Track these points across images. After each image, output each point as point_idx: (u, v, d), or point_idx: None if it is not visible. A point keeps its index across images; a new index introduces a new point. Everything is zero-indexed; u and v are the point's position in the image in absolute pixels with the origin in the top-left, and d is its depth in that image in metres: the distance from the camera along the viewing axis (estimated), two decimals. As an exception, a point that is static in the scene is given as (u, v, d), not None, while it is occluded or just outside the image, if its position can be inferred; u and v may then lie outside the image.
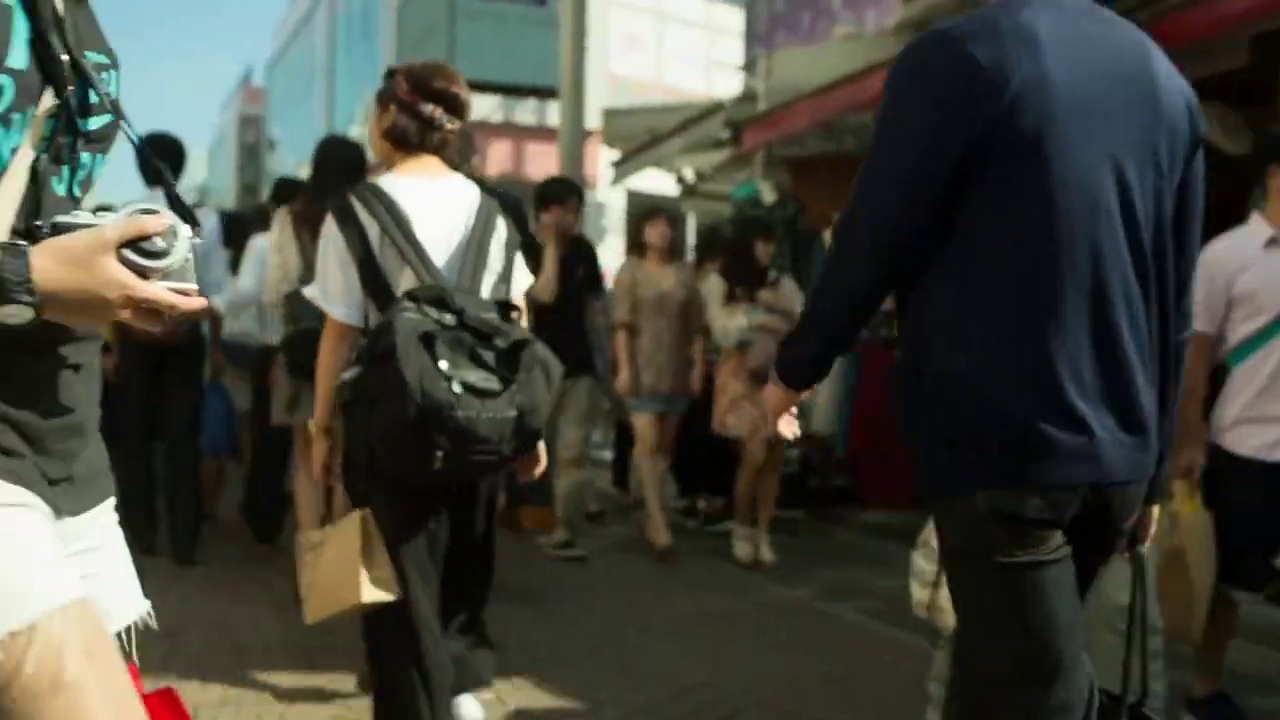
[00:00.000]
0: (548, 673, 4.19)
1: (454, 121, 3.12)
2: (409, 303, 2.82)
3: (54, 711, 1.28)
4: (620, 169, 11.98)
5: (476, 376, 2.79)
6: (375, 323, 2.91)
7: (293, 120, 31.90)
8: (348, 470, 3.11)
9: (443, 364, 2.74)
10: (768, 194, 8.74)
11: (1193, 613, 3.44)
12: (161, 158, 5.84)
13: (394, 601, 2.90)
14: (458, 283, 3.00)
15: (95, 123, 1.43)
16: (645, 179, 13.13)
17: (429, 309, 2.82)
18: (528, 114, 18.87)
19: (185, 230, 1.35)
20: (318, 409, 3.14)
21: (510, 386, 2.83)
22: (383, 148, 3.16)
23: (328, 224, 3.06)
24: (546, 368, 2.95)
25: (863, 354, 6.94)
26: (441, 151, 3.14)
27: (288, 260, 4.76)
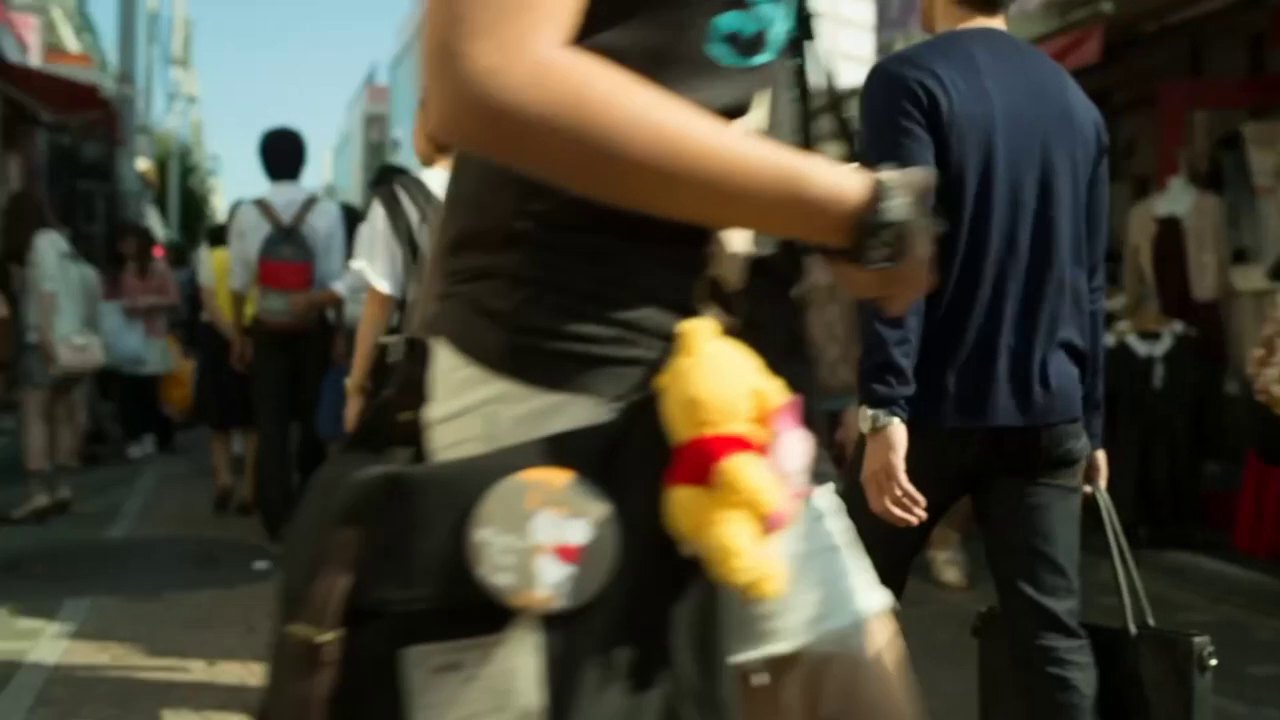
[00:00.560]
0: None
1: None
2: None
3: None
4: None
5: None
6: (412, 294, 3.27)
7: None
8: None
9: None
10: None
11: None
12: (284, 154, 6.00)
13: None
14: None
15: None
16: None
17: None
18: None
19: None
20: (355, 370, 3.56)
21: None
22: (425, 147, 3.60)
23: (375, 209, 3.53)
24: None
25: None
26: None
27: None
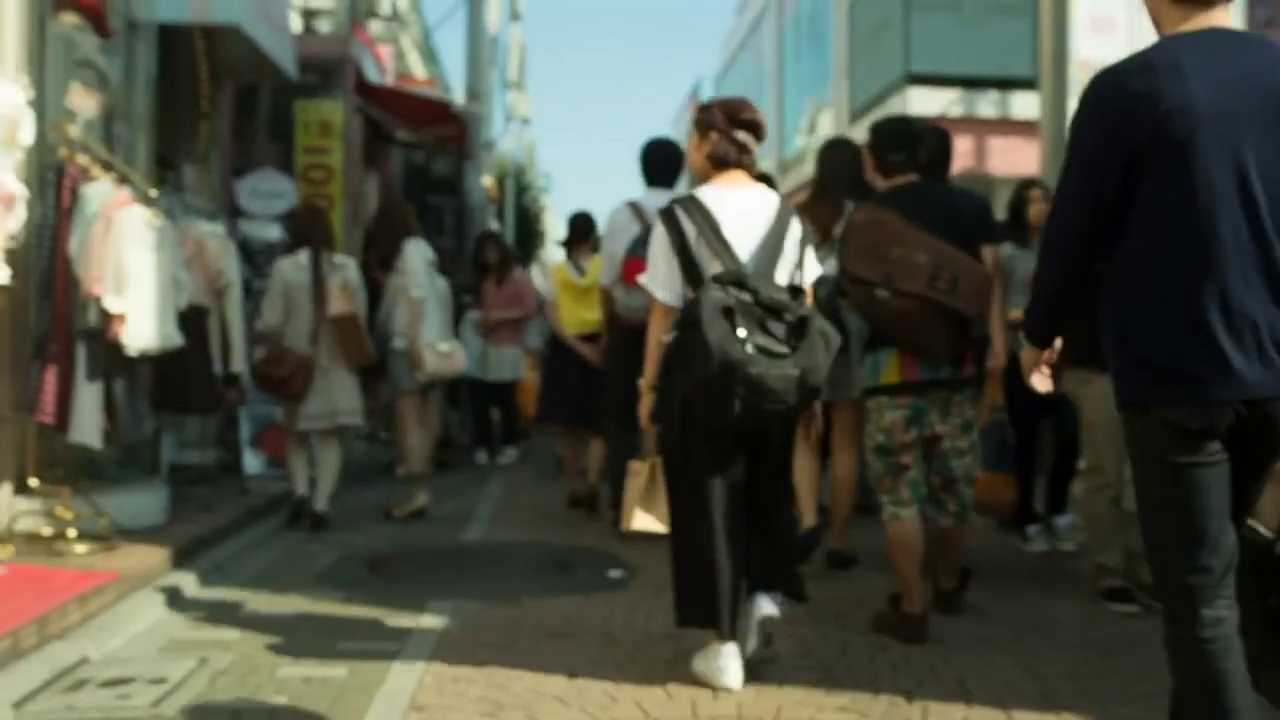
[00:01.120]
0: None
1: (759, 141, 4.01)
2: (715, 284, 3.69)
3: None
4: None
5: (766, 341, 3.63)
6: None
7: (740, 130, 32.40)
8: (661, 418, 3.95)
9: (740, 331, 3.58)
10: None
11: None
12: (661, 162, 6.07)
13: (686, 516, 3.85)
14: (755, 270, 3.80)
15: None
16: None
17: (730, 289, 3.66)
18: (989, 107, 17.85)
19: None
20: (646, 371, 4.01)
21: (795, 351, 3.65)
22: (702, 166, 4.02)
23: (656, 225, 3.96)
24: (826, 338, 3.73)
25: None
26: (749, 168, 4.01)
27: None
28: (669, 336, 3.83)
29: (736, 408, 3.59)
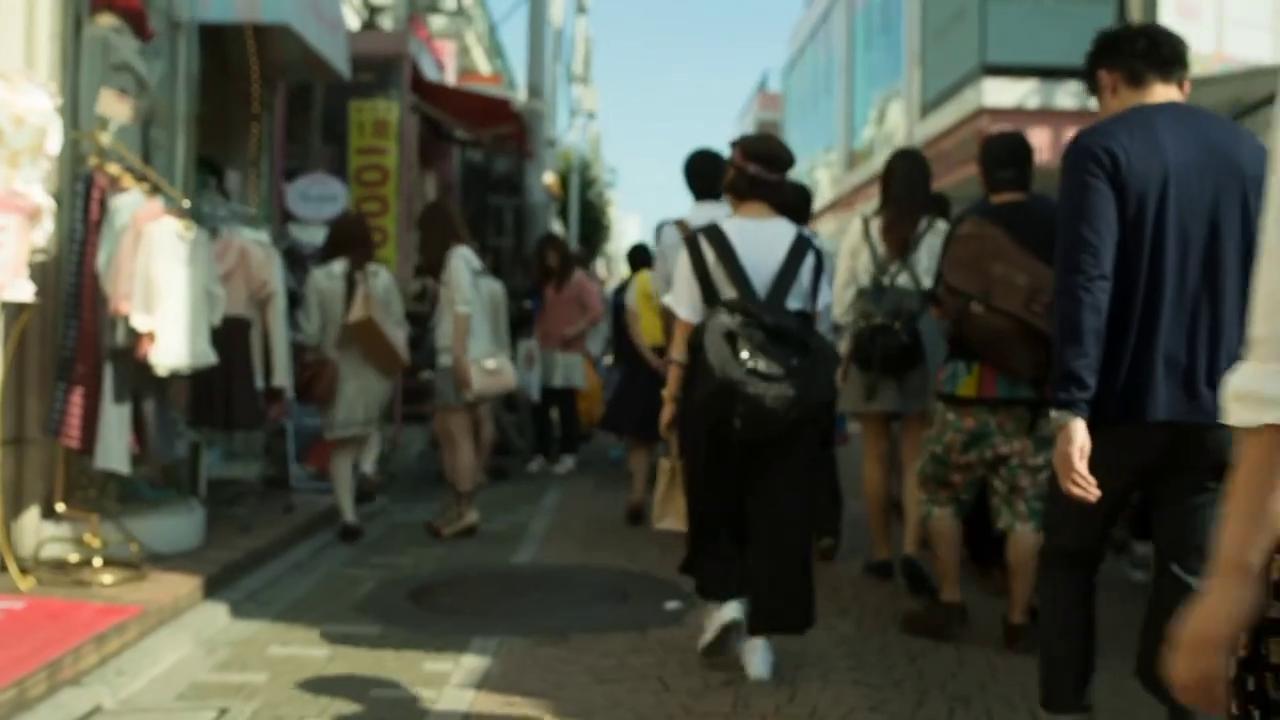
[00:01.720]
0: None
1: (774, 174, 4.24)
2: (723, 309, 4.01)
3: None
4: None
5: (766, 364, 3.90)
6: None
7: (808, 124, 31.81)
8: (679, 427, 4.32)
9: (742, 354, 3.86)
10: None
11: None
12: (706, 175, 5.87)
13: (698, 520, 4.29)
14: (767, 296, 4.11)
15: None
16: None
17: (736, 314, 3.97)
18: (1068, 98, 17.21)
19: None
20: (669, 383, 4.32)
21: (796, 373, 3.92)
22: (729, 197, 4.39)
23: (682, 249, 4.31)
24: (827, 361, 4.06)
25: None
26: (770, 198, 4.27)
27: (859, 263, 5.43)
28: (682, 356, 4.23)
29: (738, 423, 3.92)
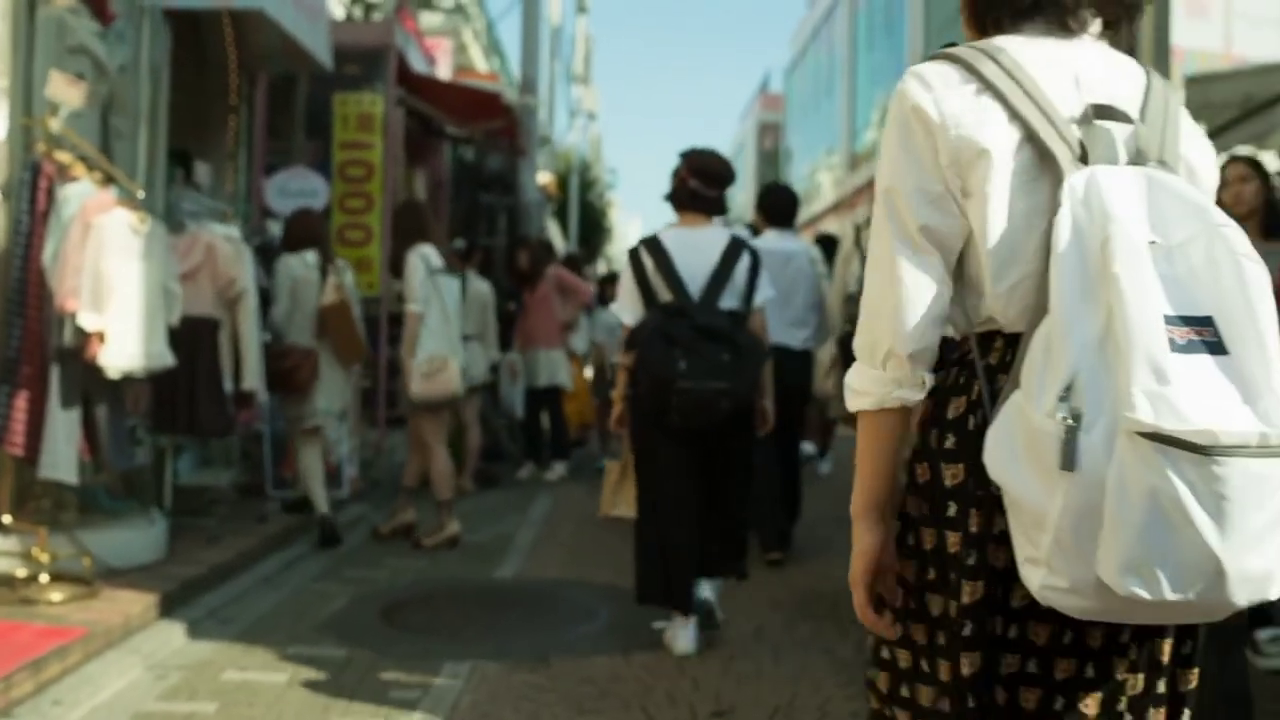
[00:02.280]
0: None
1: (713, 190, 4.62)
2: (659, 311, 4.40)
3: None
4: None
5: (697, 361, 4.24)
6: None
7: (810, 125, 31.48)
8: (629, 422, 4.65)
9: (674, 353, 4.22)
10: None
11: None
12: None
13: (648, 504, 4.54)
14: (700, 298, 4.43)
15: None
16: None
17: (671, 316, 4.33)
18: (1074, 97, 16.87)
19: None
20: (618, 383, 4.73)
21: (726, 369, 4.27)
22: (672, 207, 4.72)
23: (625, 268, 4.65)
24: (755, 356, 4.37)
25: None
26: (707, 210, 4.65)
27: (850, 270, 5.99)
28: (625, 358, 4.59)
29: (675, 416, 4.29)
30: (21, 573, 4.67)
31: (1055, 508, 1.35)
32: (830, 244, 8.53)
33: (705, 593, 4.68)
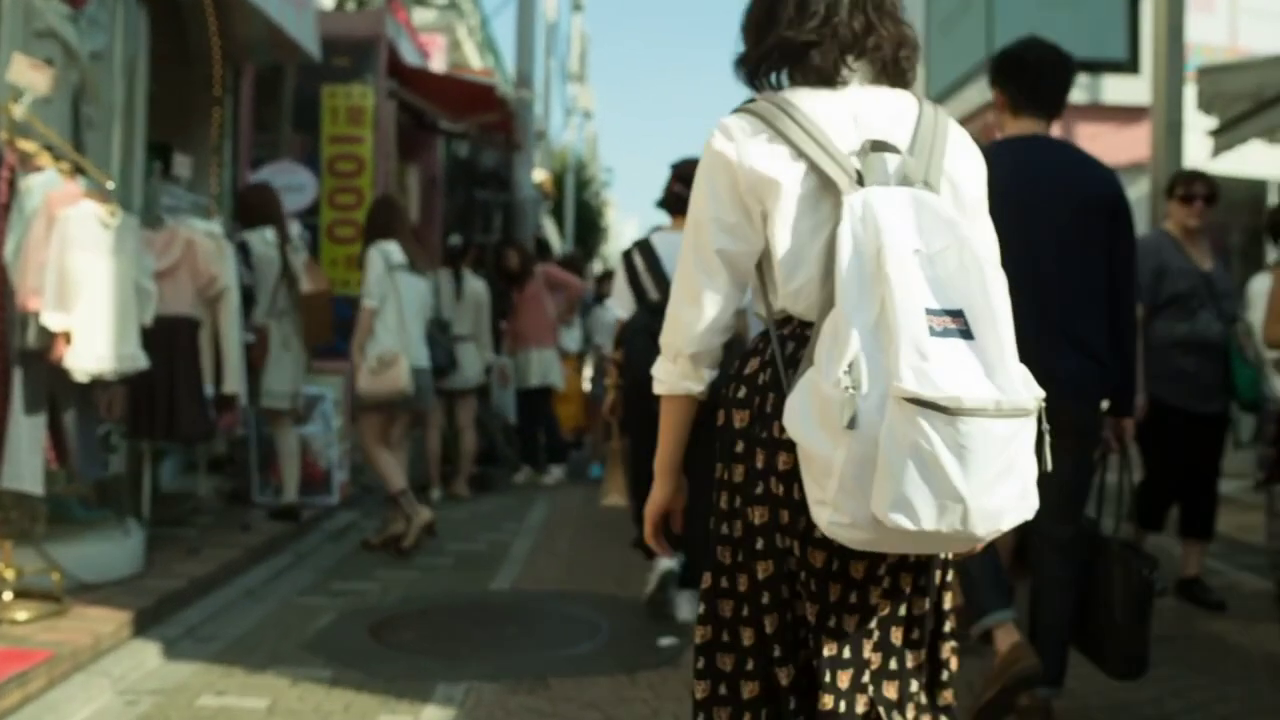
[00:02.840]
0: None
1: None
2: (644, 310, 4.76)
3: None
4: (1221, 139, 9.72)
5: None
6: None
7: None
8: (621, 412, 5.10)
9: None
10: None
11: None
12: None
13: (642, 487, 4.37)
14: None
15: None
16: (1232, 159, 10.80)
17: (657, 314, 4.19)
18: (1078, 91, 16.60)
19: None
20: (611, 375, 5.25)
21: None
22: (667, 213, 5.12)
23: (620, 268, 5.10)
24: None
25: None
26: None
27: None
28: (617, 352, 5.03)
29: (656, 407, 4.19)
30: (-15, 590, 4.37)
31: (839, 459, 1.66)
32: None
33: (684, 613, 4.84)
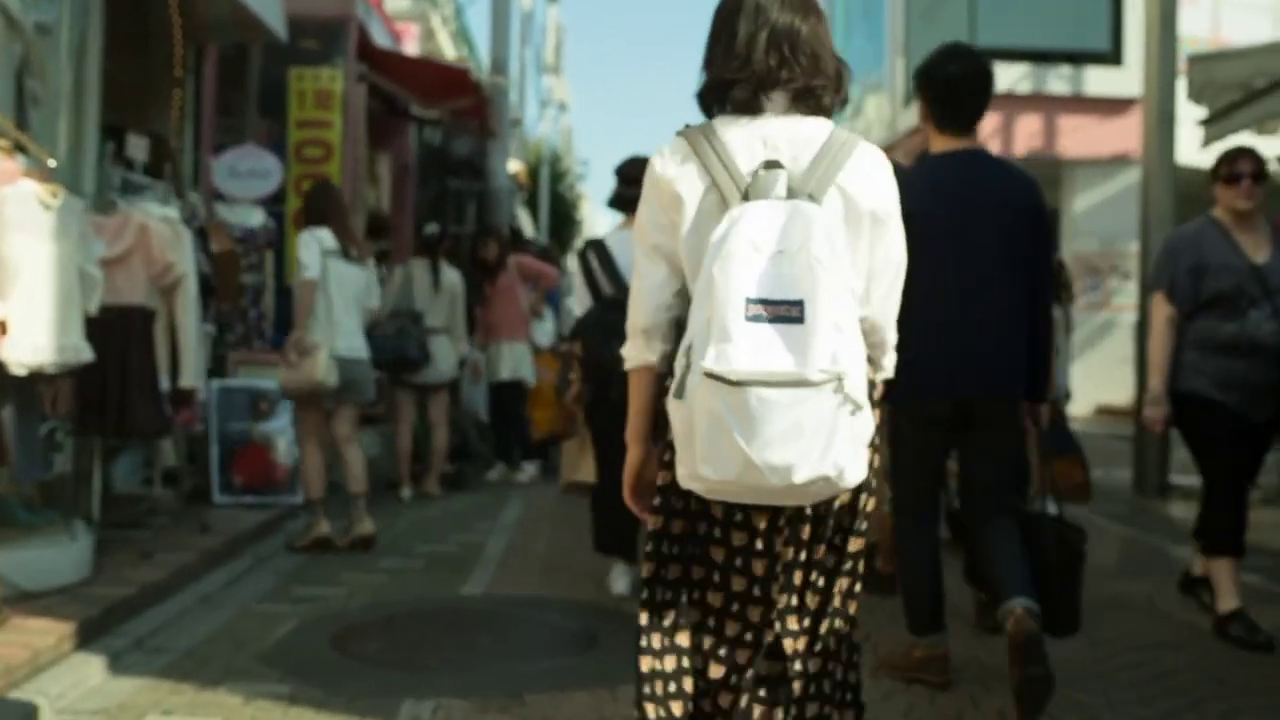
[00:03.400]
0: None
1: (632, 190, 4.83)
2: (598, 304, 5.17)
3: None
4: (1212, 129, 9.52)
5: None
6: None
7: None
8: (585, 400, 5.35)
9: (613, 340, 3.96)
10: None
11: None
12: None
13: (605, 472, 5.09)
14: None
15: None
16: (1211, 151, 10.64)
17: (610, 308, 4.92)
18: (1060, 83, 16.44)
19: None
20: (575, 366, 5.57)
21: None
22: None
23: (578, 269, 5.47)
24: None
25: None
26: (633, 208, 4.73)
27: None
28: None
29: (614, 394, 4.30)
30: (-83, 599, 4.06)
31: (678, 424, 2.04)
32: None
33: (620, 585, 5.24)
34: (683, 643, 2.25)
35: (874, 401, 2.23)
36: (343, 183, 8.31)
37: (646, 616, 2.27)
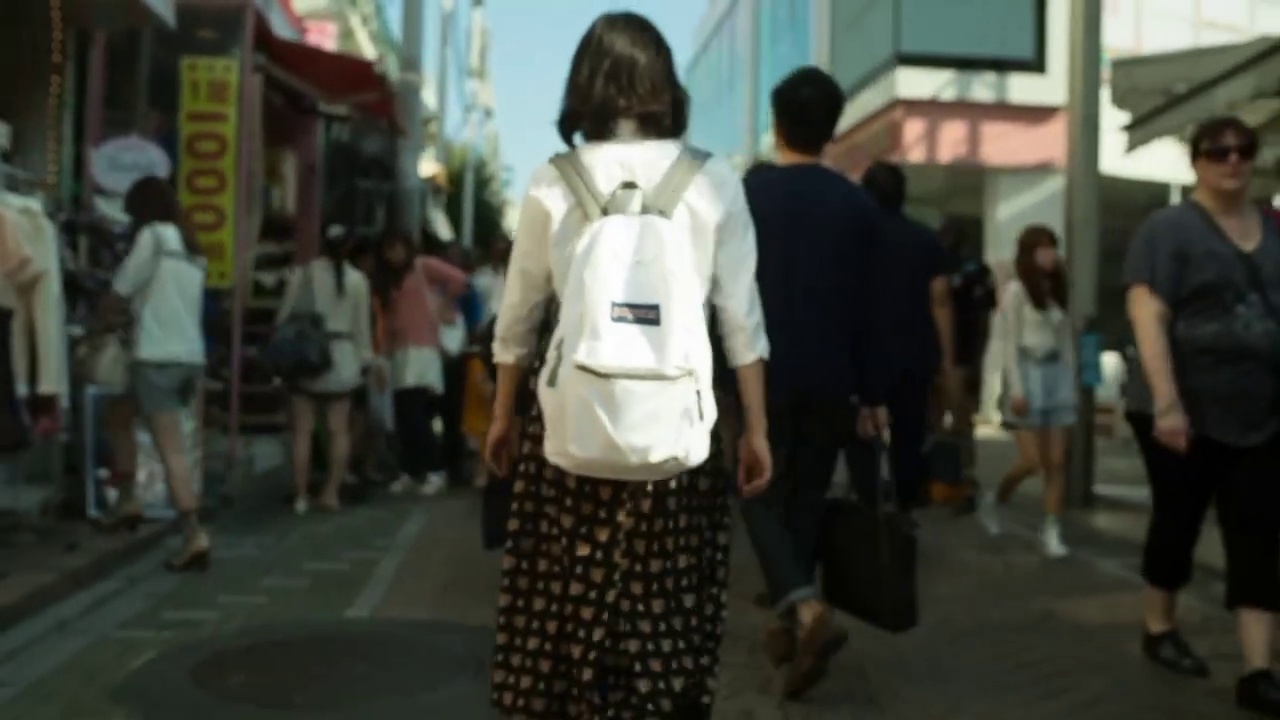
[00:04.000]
0: None
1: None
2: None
3: None
4: (1136, 134, 9.42)
5: None
6: None
7: (713, 123, 30.73)
8: None
9: None
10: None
11: None
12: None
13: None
14: None
15: None
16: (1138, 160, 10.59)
17: None
18: (984, 90, 16.38)
19: None
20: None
21: None
22: None
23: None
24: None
25: None
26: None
27: None
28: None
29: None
30: None
31: (549, 407, 2.36)
32: None
33: None
34: (538, 605, 2.59)
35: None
36: (238, 180, 7.87)
37: (508, 575, 2.62)
